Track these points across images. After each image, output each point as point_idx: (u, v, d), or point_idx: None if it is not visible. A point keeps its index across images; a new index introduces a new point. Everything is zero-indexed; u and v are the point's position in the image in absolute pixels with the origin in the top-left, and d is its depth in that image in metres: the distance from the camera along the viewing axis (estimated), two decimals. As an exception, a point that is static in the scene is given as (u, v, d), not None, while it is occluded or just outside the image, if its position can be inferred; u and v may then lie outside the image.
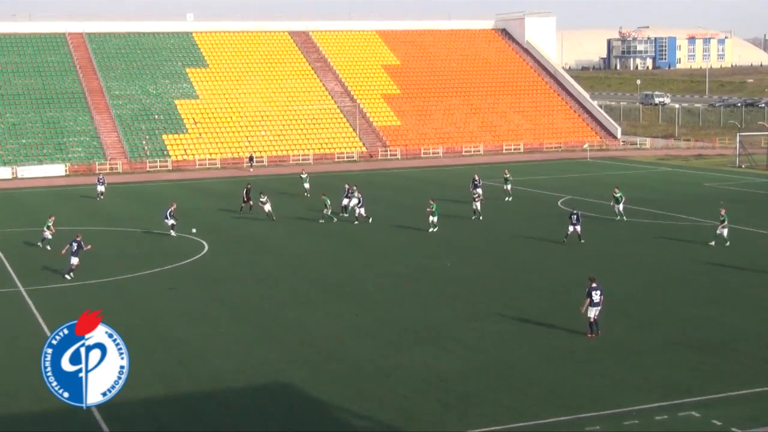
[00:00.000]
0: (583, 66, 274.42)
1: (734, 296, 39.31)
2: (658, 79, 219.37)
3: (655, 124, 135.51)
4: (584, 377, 29.31)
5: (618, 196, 56.92)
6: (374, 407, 26.83)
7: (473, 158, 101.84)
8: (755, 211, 61.20)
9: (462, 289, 41.21)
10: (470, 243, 52.03)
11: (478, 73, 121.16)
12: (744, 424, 25.10)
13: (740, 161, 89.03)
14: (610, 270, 45.06)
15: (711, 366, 30.25)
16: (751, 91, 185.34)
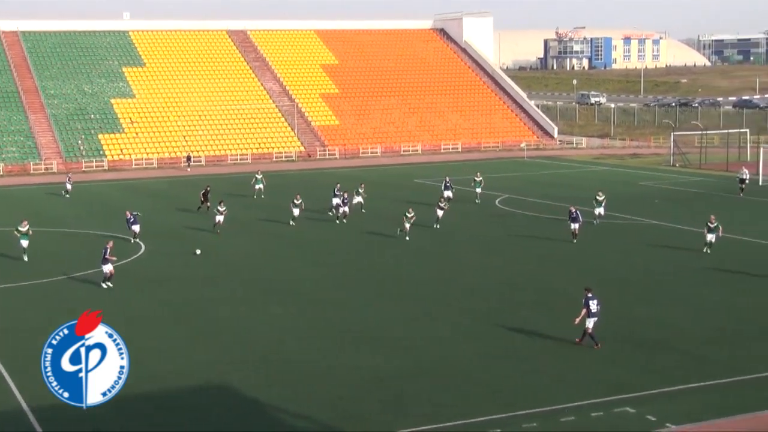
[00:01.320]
0: (520, 66, 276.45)
1: (670, 294, 39.85)
2: (594, 79, 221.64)
3: (591, 124, 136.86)
4: (522, 375, 29.57)
5: (600, 200, 56.58)
6: (313, 407, 26.84)
7: (411, 157, 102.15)
8: (690, 210, 62.02)
9: (402, 289, 41.34)
10: (410, 243, 52.15)
11: (417, 73, 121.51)
12: (678, 420, 25.51)
13: (674, 160, 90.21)
14: (546, 268, 45.54)
15: (646, 363, 30.66)
16: (685, 91, 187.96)
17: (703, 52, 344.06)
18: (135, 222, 52.73)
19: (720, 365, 30.21)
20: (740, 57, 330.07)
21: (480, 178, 67.25)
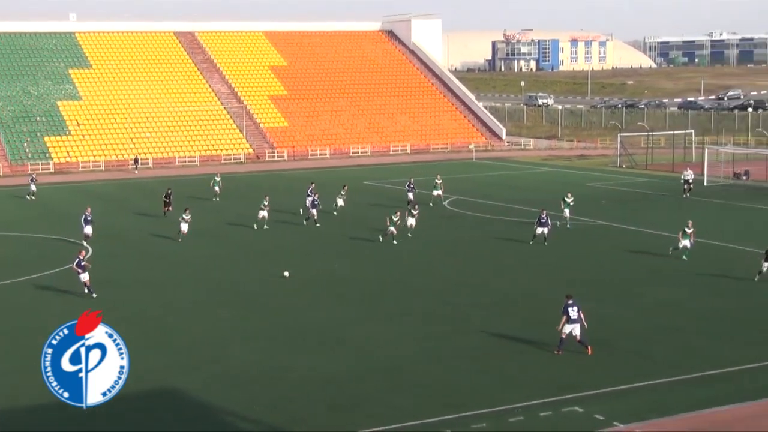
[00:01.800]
0: (468, 68, 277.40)
1: (616, 294, 40.25)
2: (542, 80, 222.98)
3: (538, 125, 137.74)
4: (471, 376, 29.72)
5: (569, 201, 56.54)
6: (262, 410, 26.79)
7: (360, 159, 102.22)
8: (636, 210, 62.65)
9: (351, 291, 41.40)
10: (359, 245, 52.23)
11: (365, 75, 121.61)
12: (625, 419, 25.79)
13: (621, 161, 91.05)
14: (497, 269, 45.81)
15: (594, 362, 30.94)
16: (632, 93, 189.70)
17: (649, 54, 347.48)
18: (89, 222, 52.32)
19: (665, 364, 30.57)
20: (685, 59, 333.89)
21: (440, 180, 67.38)
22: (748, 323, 35.53)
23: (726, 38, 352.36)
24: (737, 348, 32.22)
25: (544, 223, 50.64)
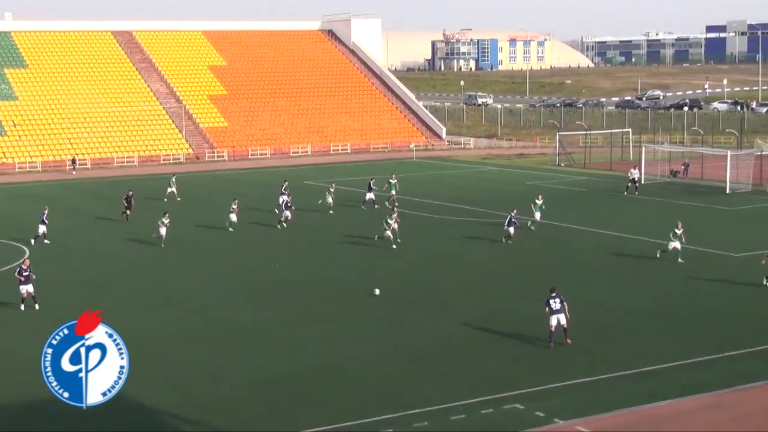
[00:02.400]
0: (408, 67, 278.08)
1: (546, 290, 40.49)
2: (481, 80, 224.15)
3: (478, 125, 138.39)
4: (412, 374, 29.81)
5: (539, 204, 56.21)
6: (201, 411, 26.66)
7: (301, 159, 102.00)
8: (573, 208, 63.21)
9: (291, 291, 41.32)
10: (298, 245, 52.14)
11: (305, 74, 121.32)
12: (565, 415, 26.04)
13: (560, 160, 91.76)
14: (435, 268, 45.96)
15: (534, 359, 31.21)
16: (570, 92, 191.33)
17: (587, 53, 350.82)
18: (44, 222, 51.83)
19: (605, 360, 30.90)
20: (622, 58, 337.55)
21: (395, 180, 67.42)
22: (684, 320, 36.03)
23: (662, 38, 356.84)
24: (674, 344, 32.65)
25: (513, 222, 50.85)
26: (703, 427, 25.58)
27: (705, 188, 72.33)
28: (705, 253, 47.98)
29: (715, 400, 27.41)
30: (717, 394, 27.78)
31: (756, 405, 27.09)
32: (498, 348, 32.46)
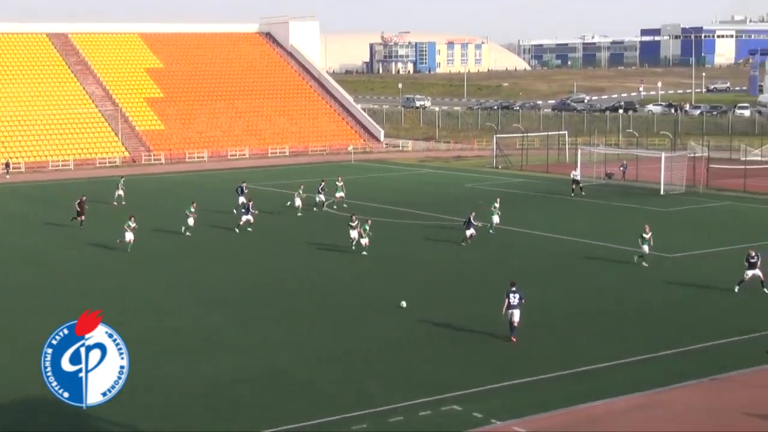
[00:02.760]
0: (346, 70, 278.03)
1: (493, 292, 40.76)
2: (419, 82, 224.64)
3: (416, 127, 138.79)
4: (352, 377, 29.88)
5: (497, 208, 55.65)
6: (142, 417, 26.49)
7: (239, 162, 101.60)
8: (511, 210, 63.59)
9: (231, 295, 41.16)
10: (239, 249, 51.96)
11: (243, 77, 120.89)
12: (503, 416, 26.26)
13: (497, 162, 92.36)
14: (378, 270, 46.07)
15: (473, 360, 31.43)
16: (507, 95, 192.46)
17: (524, 56, 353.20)
18: None
19: (543, 360, 31.21)
20: (558, 61, 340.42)
21: (341, 182, 67.41)
22: (620, 321, 36.47)
23: (598, 41, 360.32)
24: (610, 344, 33.07)
25: (470, 224, 51.09)
26: (638, 425, 25.95)
27: (640, 190, 73.26)
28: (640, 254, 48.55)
29: (649, 399, 27.81)
30: (651, 393, 28.20)
31: (689, 403, 27.53)
32: (437, 350, 32.63)
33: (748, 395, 28.04)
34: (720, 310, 37.98)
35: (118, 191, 68.94)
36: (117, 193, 68.87)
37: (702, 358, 31.52)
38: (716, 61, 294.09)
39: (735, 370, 30.05)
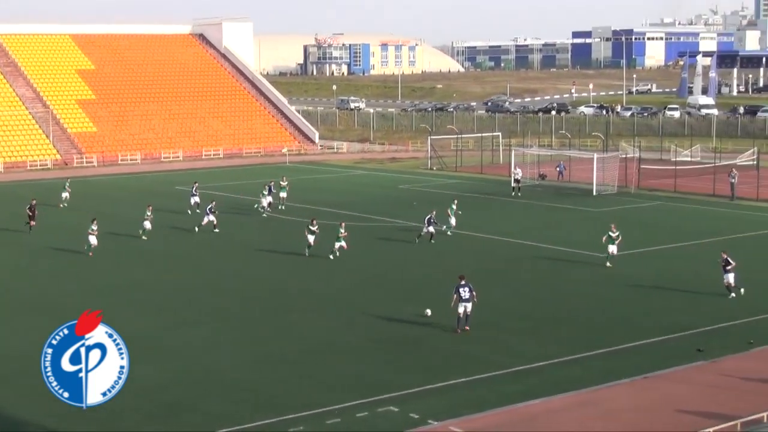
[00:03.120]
0: (280, 71, 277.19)
1: (426, 293, 40.96)
2: (354, 84, 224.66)
3: (351, 129, 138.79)
4: (289, 379, 29.82)
5: (455, 209, 55.50)
6: (75, 421, 26.13)
7: (173, 164, 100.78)
8: (444, 211, 63.82)
9: (166, 298, 40.87)
10: (175, 251, 51.57)
11: (176, 79, 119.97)
12: (440, 416, 26.38)
13: (432, 163, 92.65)
14: (311, 271, 45.99)
15: (408, 361, 31.52)
16: (441, 96, 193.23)
17: (457, 58, 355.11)
18: None
19: (480, 360, 31.40)
20: (491, 63, 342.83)
21: (286, 182, 67.24)
22: (555, 320, 36.81)
23: (530, 43, 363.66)
24: (545, 344, 33.36)
25: (432, 222, 51.58)
26: (574, 423, 26.20)
27: (573, 190, 73.98)
28: (574, 254, 49.07)
29: (584, 397, 28.11)
30: (586, 391, 28.51)
31: (623, 401, 27.86)
32: (374, 351, 32.68)
33: (680, 392, 28.45)
34: (652, 308, 38.50)
35: (64, 193, 68.03)
36: (63, 195, 67.95)
37: (635, 357, 31.93)
38: (646, 63, 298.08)
39: (667, 368, 30.51)
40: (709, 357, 31.58)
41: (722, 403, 27.28)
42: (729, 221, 59.05)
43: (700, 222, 58.80)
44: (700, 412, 26.49)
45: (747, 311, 37.30)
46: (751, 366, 30.84)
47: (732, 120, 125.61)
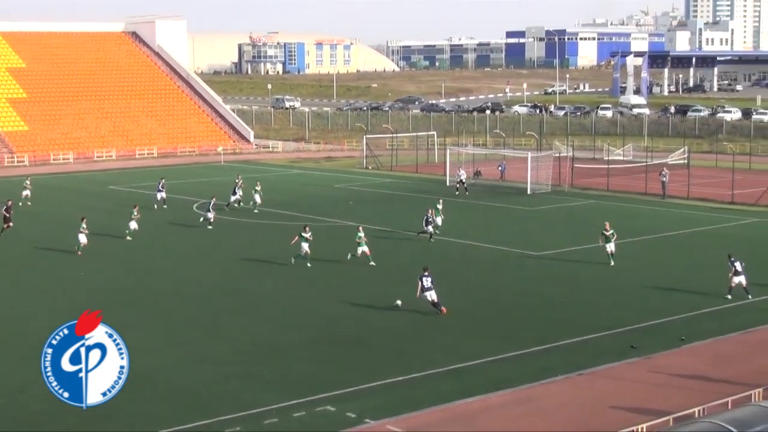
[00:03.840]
0: (215, 70, 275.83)
1: (364, 292, 41.00)
2: (289, 83, 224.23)
3: (286, 128, 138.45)
4: (226, 380, 29.68)
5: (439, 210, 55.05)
6: (6, 425, 25.86)
7: (106, 164, 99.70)
8: (381, 210, 64.05)
9: (94, 299, 40.36)
10: (105, 252, 51.03)
11: (109, 77, 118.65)
12: (377, 415, 26.44)
13: (367, 163, 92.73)
14: (239, 272, 45.79)
15: (346, 361, 31.54)
16: (376, 96, 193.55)
17: (392, 57, 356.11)
18: None
19: (417, 359, 31.48)
20: (426, 62, 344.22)
21: (240, 181, 67.28)
22: (490, 318, 37.06)
23: (464, 43, 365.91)
24: (481, 341, 33.58)
25: (429, 222, 51.99)
26: (511, 420, 26.42)
27: (508, 189, 74.46)
28: (508, 252, 49.44)
29: (521, 394, 28.36)
30: (523, 388, 28.76)
31: (559, 397, 28.15)
32: (310, 351, 32.63)
33: (614, 389, 28.82)
34: (587, 306, 38.92)
35: (25, 191, 67.35)
36: (24, 193, 67.26)
37: (570, 354, 32.26)
38: (579, 63, 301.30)
39: (601, 365, 30.88)
40: (642, 354, 32.02)
41: (655, 399, 27.69)
42: (661, 219, 59.87)
43: (633, 220, 59.52)
44: (633, 408, 26.86)
45: (679, 308, 37.85)
46: (682, 362, 31.32)
47: (663, 119, 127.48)
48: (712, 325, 35.58)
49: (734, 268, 39.03)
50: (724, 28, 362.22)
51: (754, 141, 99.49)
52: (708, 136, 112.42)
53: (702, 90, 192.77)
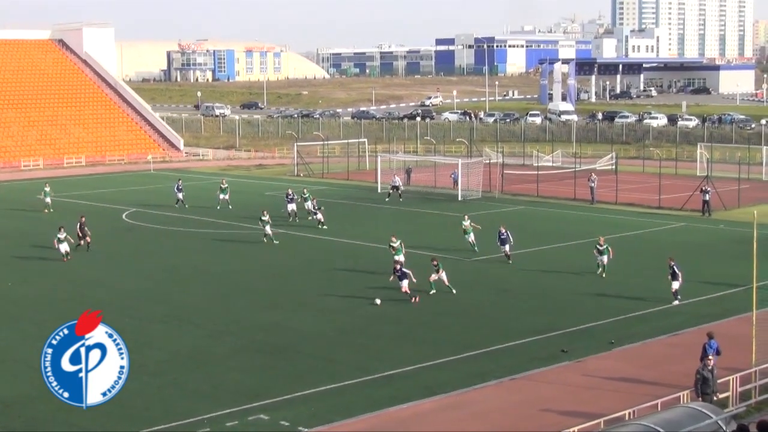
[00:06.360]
0: (143, 78, 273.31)
1: (295, 300, 40.91)
2: (218, 91, 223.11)
3: (216, 136, 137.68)
4: (155, 390, 29.39)
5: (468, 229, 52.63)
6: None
7: (33, 173, 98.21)
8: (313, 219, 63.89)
9: (25, 310, 39.80)
10: (32, 263, 50.31)
11: (36, 85, 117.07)
12: (309, 423, 26.39)
13: (298, 170, 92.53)
14: (175, 281, 45.41)
15: (278, 369, 31.42)
16: (306, 103, 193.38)
17: (322, 65, 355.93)
18: None
19: (348, 366, 31.47)
20: (357, 70, 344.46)
21: (226, 185, 68.20)
22: (422, 324, 37.10)
23: (395, 50, 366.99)
24: (414, 348, 33.63)
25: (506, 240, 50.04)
26: (444, 426, 26.51)
27: (438, 196, 74.70)
28: (441, 259, 49.48)
29: (454, 399, 28.46)
30: (455, 394, 28.87)
31: (491, 402, 28.32)
32: (241, 360, 32.46)
33: (545, 392, 29.05)
34: (517, 310, 39.21)
35: (46, 198, 67.27)
36: (46, 200, 67.26)
37: (502, 359, 32.46)
38: (508, 70, 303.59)
39: (533, 369, 31.12)
40: (572, 357, 32.33)
41: (586, 402, 27.96)
42: (590, 224, 60.47)
43: (563, 225, 60.09)
44: (564, 411, 27.10)
45: (608, 312, 38.29)
46: (612, 365, 31.68)
47: (591, 126, 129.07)
48: (642, 329, 36.03)
49: (671, 271, 39.54)
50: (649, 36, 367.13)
51: (680, 146, 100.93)
52: (635, 142, 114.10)
53: (629, 96, 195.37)
